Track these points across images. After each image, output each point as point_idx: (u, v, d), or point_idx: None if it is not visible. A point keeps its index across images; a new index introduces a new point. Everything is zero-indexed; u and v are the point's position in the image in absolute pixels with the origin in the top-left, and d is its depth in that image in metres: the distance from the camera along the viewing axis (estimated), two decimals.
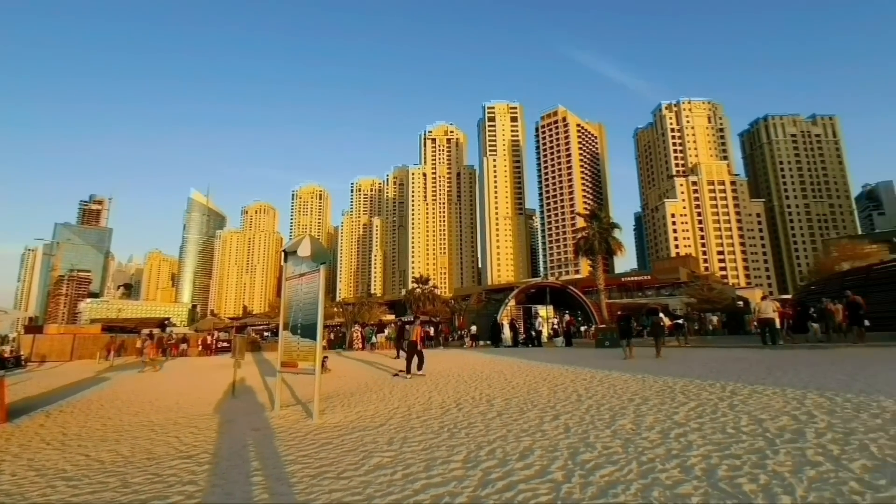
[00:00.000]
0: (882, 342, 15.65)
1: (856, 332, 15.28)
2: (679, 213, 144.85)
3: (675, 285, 61.31)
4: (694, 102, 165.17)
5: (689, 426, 5.19)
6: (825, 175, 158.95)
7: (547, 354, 18.36)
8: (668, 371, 10.61)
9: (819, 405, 5.84)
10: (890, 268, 22.03)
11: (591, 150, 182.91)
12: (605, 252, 34.27)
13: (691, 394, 7.27)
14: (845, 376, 8.30)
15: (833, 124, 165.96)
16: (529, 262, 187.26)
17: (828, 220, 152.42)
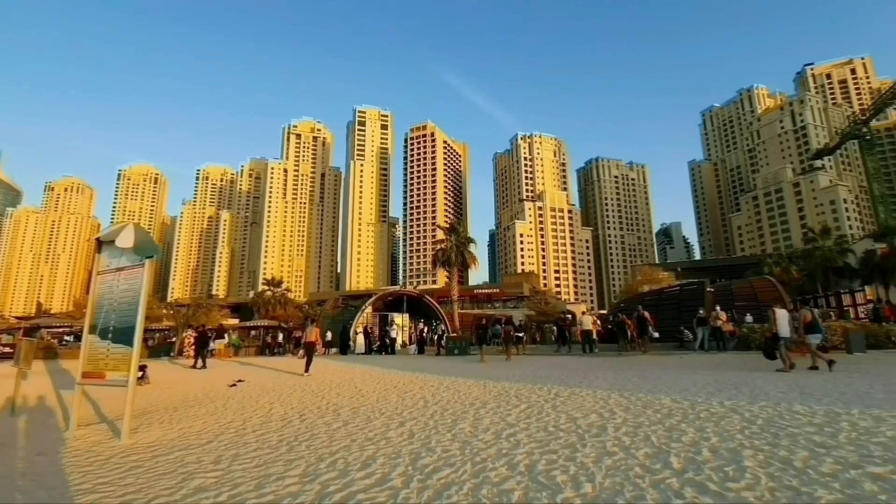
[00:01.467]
0: (665, 351, 19.35)
1: (645, 341, 18.53)
2: (526, 234, 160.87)
3: (520, 298, 67.81)
4: (544, 137, 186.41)
5: (519, 426, 5.72)
6: (636, 212, 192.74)
7: (399, 362, 18.59)
8: (507, 377, 11.58)
9: (619, 403, 6.95)
10: (673, 292, 27.44)
11: (455, 167, 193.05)
12: (460, 264, 36.27)
13: (523, 397, 8.03)
14: (639, 379, 10.03)
15: (644, 172, 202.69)
16: (389, 270, 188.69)
17: (636, 250, 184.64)
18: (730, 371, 11.14)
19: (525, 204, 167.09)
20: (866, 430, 4.79)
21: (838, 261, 38.30)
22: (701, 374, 10.59)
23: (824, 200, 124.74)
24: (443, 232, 37.76)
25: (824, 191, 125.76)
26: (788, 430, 4.87)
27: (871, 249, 36.20)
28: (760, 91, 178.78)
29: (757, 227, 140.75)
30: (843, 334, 15.83)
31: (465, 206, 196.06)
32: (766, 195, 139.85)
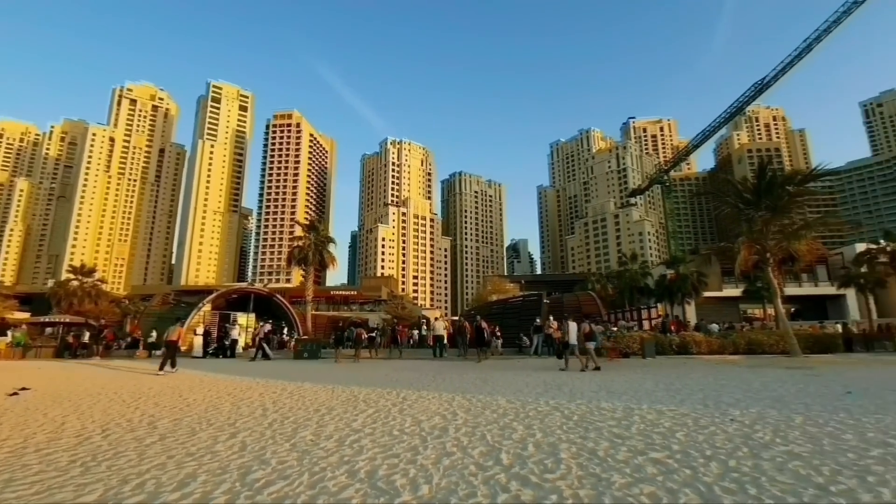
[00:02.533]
0: (507, 356, 21.08)
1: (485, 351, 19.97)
2: (389, 238, 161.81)
3: (377, 302, 67.68)
4: (414, 145, 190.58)
5: (364, 432, 5.63)
6: (491, 227, 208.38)
7: (239, 366, 17.00)
8: (358, 381, 11.38)
9: (462, 405, 7.33)
10: (516, 302, 30.21)
11: (321, 163, 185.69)
12: (318, 264, 34.77)
13: (371, 401, 7.96)
14: (481, 382, 10.74)
15: (501, 190, 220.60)
16: (237, 265, 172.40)
17: (488, 261, 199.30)
18: (555, 374, 12.60)
19: (390, 208, 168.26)
20: (651, 422, 5.81)
21: (641, 282, 46.46)
22: (533, 377, 11.77)
23: (635, 231, 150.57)
24: (301, 228, 35.80)
25: (635, 223, 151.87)
26: (596, 425, 5.67)
27: (664, 274, 44.78)
28: (596, 133, 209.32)
29: (585, 249, 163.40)
30: (640, 342, 19.12)
31: (328, 204, 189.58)
32: (594, 222, 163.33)
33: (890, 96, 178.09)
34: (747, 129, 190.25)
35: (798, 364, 14.54)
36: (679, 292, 40.53)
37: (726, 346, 20.16)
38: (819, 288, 47.39)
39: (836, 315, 44.11)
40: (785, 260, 20.74)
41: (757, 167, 19.85)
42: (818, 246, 22.39)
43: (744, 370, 12.89)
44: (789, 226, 19.78)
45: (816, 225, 21.38)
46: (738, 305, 46.00)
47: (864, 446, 4.37)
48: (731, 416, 6.06)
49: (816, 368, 12.94)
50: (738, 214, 20.76)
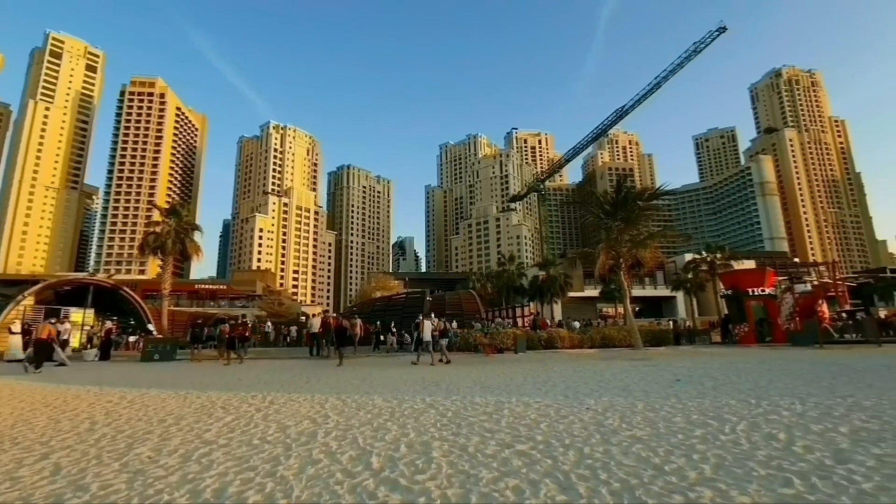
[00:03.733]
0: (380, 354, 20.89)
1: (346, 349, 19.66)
2: (267, 229, 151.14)
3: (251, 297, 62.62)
4: (300, 132, 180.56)
5: (218, 443, 4.99)
6: (378, 223, 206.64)
7: (66, 372, 14.33)
8: (219, 384, 10.27)
9: (335, 407, 6.95)
10: (400, 299, 30.24)
11: (189, 141, 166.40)
12: (179, 254, 30.92)
13: (232, 407, 7.18)
14: (358, 381, 10.41)
15: (389, 186, 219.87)
16: (76, 252, 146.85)
17: (374, 257, 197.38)
18: (433, 369, 12.77)
19: (270, 197, 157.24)
20: (519, 414, 6.09)
21: (517, 282, 49.85)
22: (413, 374, 11.76)
23: (513, 234, 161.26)
24: (160, 213, 31.52)
25: (514, 227, 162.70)
26: (469, 420, 5.75)
27: (537, 275, 48.62)
28: (483, 140, 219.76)
29: (469, 249, 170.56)
30: (514, 339, 20.37)
31: (195, 188, 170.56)
32: (477, 224, 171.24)
33: (715, 133, 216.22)
34: (609, 150, 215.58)
35: (640, 356, 16.69)
36: (549, 292, 44.24)
37: (585, 340, 22.47)
38: (657, 290, 55.44)
39: (669, 313, 52.09)
40: (634, 265, 23.77)
41: (615, 183, 22.54)
42: (659, 254, 26.11)
43: (598, 362, 14.41)
44: (638, 235, 22.75)
45: (658, 236, 24.99)
46: (596, 304, 51.84)
47: (690, 427, 5.04)
48: (587, 405, 6.62)
49: (654, 360, 14.97)
50: (600, 223, 23.33)
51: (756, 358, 14.23)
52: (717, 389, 7.79)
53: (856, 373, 9.51)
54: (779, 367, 11.23)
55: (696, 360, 14.62)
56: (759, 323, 23.29)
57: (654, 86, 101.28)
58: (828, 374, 9.44)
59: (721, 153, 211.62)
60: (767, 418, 5.33)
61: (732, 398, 6.77)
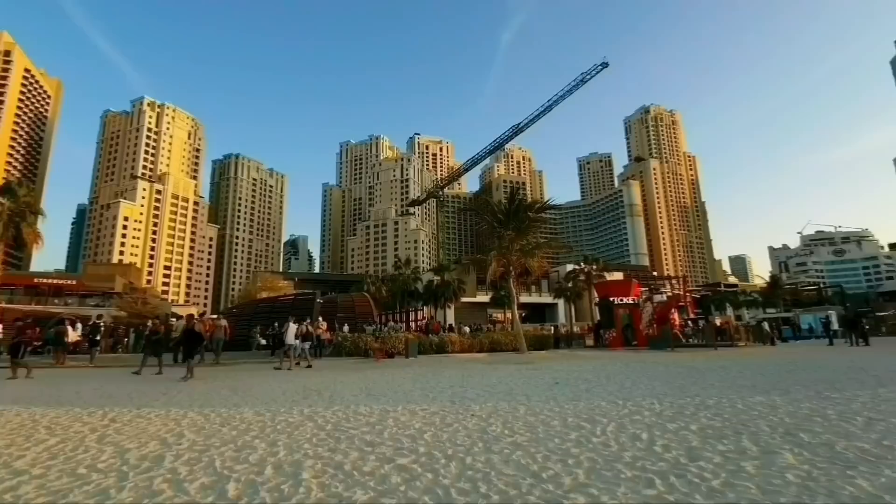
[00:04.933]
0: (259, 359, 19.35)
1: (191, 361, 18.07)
2: (134, 218, 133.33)
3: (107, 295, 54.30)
4: (180, 112, 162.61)
5: (31, 473, 3.99)
6: (269, 219, 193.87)
7: None
8: (47, 398, 8.52)
9: (194, 423, 6.06)
10: (288, 300, 28.44)
11: (38, 109, 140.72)
12: (12, 240, 25.68)
13: (60, 427, 5.91)
14: (229, 391, 9.36)
15: (283, 181, 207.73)
16: None
17: (262, 255, 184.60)
18: (318, 376, 12.03)
19: (140, 182, 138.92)
20: (404, 424, 5.84)
21: (412, 286, 49.94)
22: (293, 382, 10.93)
23: (411, 238, 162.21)
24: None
25: (412, 231, 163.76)
26: (349, 433, 5.35)
27: (432, 280, 49.21)
28: (385, 142, 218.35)
29: (366, 251, 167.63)
30: (406, 343, 20.18)
31: (43, 165, 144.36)
32: (375, 226, 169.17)
33: (595, 157, 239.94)
34: (505, 163, 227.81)
35: (525, 360, 17.54)
36: (443, 297, 44.99)
37: (475, 345, 23.09)
38: (541, 297, 59.45)
39: (551, 319, 56.14)
40: (522, 273, 25.10)
41: (509, 194, 23.64)
42: (545, 263, 27.90)
43: (486, 367, 14.80)
44: (527, 245, 24.08)
45: (545, 246, 26.72)
46: (487, 310, 53.98)
47: (566, 431, 5.21)
48: (472, 411, 6.60)
49: (537, 363, 15.80)
50: (493, 231, 24.27)
51: (622, 361, 15.72)
52: (590, 392, 8.31)
53: (700, 373, 10.89)
54: (640, 369, 12.47)
55: (573, 363, 15.72)
56: (625, 328, 25.99)
57: (547, 108, 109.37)
58: (678, 375, 10.67)
59: (599, 175, 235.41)
60: (632, 419, 5.73)
61: (603, 400, 7.25)
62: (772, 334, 28.12)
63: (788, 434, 4.70)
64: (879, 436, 4.52)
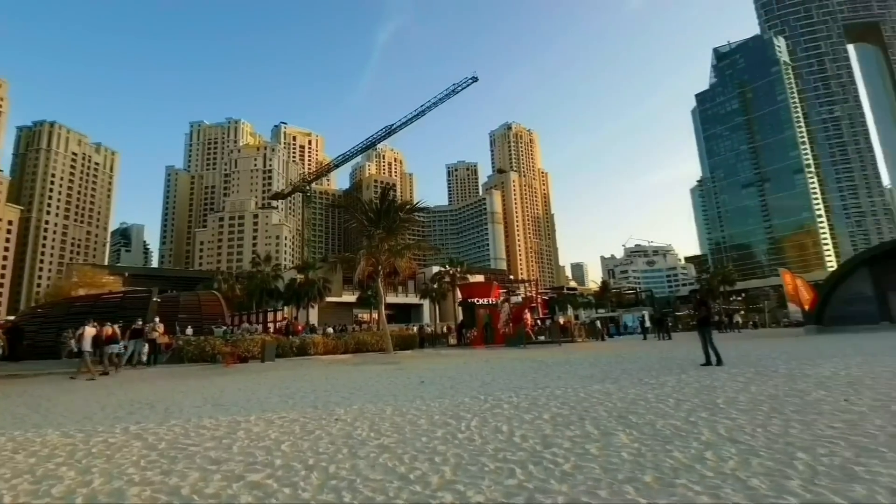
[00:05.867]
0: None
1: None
2: None
3: None
4: None
5: None
6: (92, 202, 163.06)
7: None
8: None
9: None
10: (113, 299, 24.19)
11: None
12: None
13: None
14: (27, 408, 7.52)
15: (114, 159, 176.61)
16: None
17: (82, 245, 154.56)
18: (147, 386, 10.39)
19: None
20: (258, 435, 5.27)
21: (272, 284, 46.56)
22: (119, 394, 9.25)
23: (273, 234, 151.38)
24: None
25: (274, 226, 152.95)
26: (189, 451, 4.63)
27: (294, 278, 46.49)
28: (246, 126, 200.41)
29: (218, 246, 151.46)
30: (262, 345, 18.63)
31: None
32: (231, 218, 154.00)
33: (462, 165, 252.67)
34: (376, 163, 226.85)
35: (391, 360, 17.49)
36: (307, 296, 42.80)
37: (340, 346, 22.34)
38: (408, 298, 60.34)
39: (417, 319, 57.28)
40: (391, 273, 25.08)
41: (380, 192, 23.45)
42: (413, 264, 28.30)
43: (351, 368, 14.37)
44: (396, 245, 24.14)
45: (414, 247, 27.12)
46: (353, 310, 52.90)
47: (433, 429, 5.23)
48: (336, 415, 6.26)
49: (403, 363, 15.86)
50: (363, 230, 23.80)
51: (482, 358, 16.64)
52: (454, 389, 8.56)
53: (549, 367, 12.02)
54: (498, 366, 13.31)
55: (437, 362, 16.14)
56: (485, 328, 27.68)
57: (420, 112, 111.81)
58: (531, 369, 11.63)
59: (466, 182, 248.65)
60: (493, 412, 6.01)
61: (467, 396, 7.50)
62: (602, 331, 32.57)
63: (621, 417, 5.37)
64: (686, 413, 5.41)
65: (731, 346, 15.93)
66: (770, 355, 12.58)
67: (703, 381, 7.98)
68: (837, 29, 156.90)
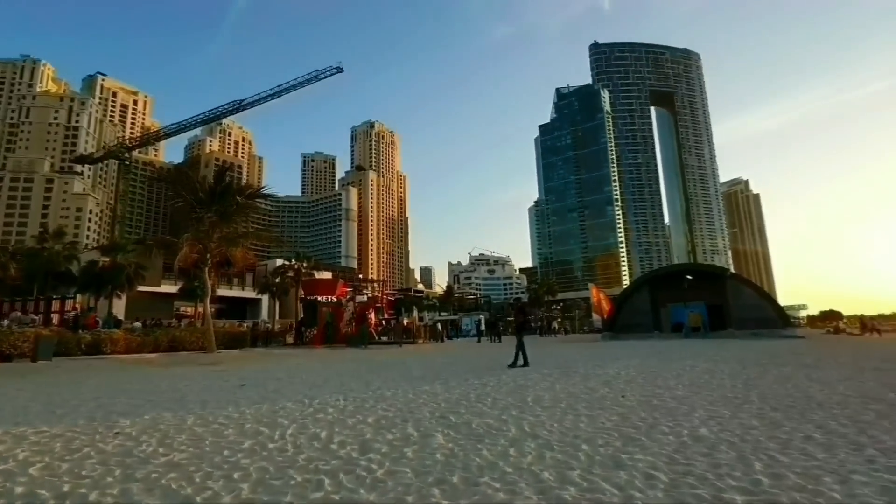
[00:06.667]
0: None
1: None
2: None
3: None
4: None
5: None
6: None
7: None
8: None
9: None
10: None
11: None
12: None
13: None
14: None
15: None
16: None
17: None
18: None
19: None
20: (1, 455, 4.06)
21: (63, 266, 37.97)
22: None
23: (72, 205, 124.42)
24: None
25: (76, 196, 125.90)
26: None
27: (96, 261, 38.58)
28: (47, 69, 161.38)
29: None
30: (35, 341, 14.97)
31: None
32: (14, 180, 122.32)
33: (320, 157, 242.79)
34: (220, 139, 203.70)
35: (211, 360, 15.60)
36: (111, 283, 35.97)
37: (147, 343, 19.18)
38: (244, 291, 55.28)
39: (253, 315, 52.70)
40: (223, 263, 22.52)
41: (216, 172, 20.88)
42: (251, 255, 25.90)
43: (157, 370, 12.38)
44: (232, 233, 21.75)
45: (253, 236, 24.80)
46: (174, 302, 46.25)
47: (240, 439, 4.67)
48: (118, 428, 5.20)
49: (226, 364, 14.26)
50: (191, 212, 20.86)
51: (319, 359, 15.93)
52: (279, 392, 7.91)
53: (385, 368, 12.01)
54: (334, 366, 12.85)
55: (268, 363, 14.93)
56: (326, 326, 26.68)
57: (276, 93, 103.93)
58: (367, 370, 11.48)
59: (323, 175, 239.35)
60: (316, 418, 5.65)
61: (290, 400, 6.97)
62: (442, 333, 34.19)
63: (443, 417, 5.52)
64: (500, 412, 5.82)
65: (549, 349, 18.10)
66: (574, 357, 14.57)
67: (518, 381, 8.78)
68: (645, 92, 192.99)
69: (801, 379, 8.60)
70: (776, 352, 15.73)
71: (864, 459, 3.72)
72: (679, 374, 9.83)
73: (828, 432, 4.64)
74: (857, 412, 5.59)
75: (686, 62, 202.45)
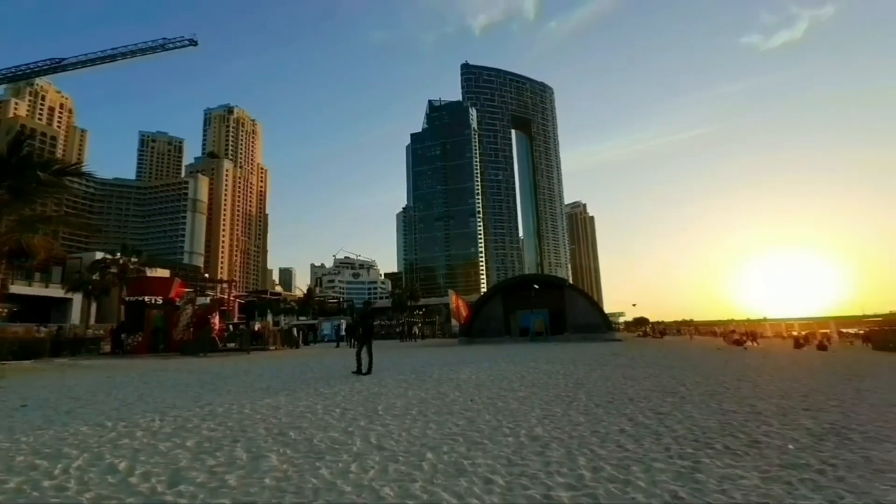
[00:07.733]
0: None
1: None
2: None
3: None
4: None
5: None
6: None
7: None
8: None
9: None
10: None
11: None
12: None
13: None
14: None
15: None
16: None
17: None
18: None
19: None
20: None
21: None
22: None
23: None
24: None
25: None
26: None
27: None
28: None
29: None
30: None
31: None
32: None
33: (164, 137, 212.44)
34: (30, 102, 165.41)
35: None
36: None
37: None
38: (49, 289, 45.47)
39: (60, 318, 43.44)
40: (18, 253, 18.02)
41: (12, 140, 16.59)
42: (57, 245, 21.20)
43: None
44: (31, 216, 17.53)
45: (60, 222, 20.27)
46: None
47: (5, 478, 3.57)
48: None
49: (6, 378, 11.34)
50: None
51: (139, 371, 13.59)
52: (72, 413, 6.42)
53: (222, 379, 10.69)
54: (157, 379, 11.06)
55: (69, 377, 12.27)
56: (154, 332, 23.05)
57: (110, 56, 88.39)
58: (199, 383, 10.08)
59: (166, 159, 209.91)
60: (118, 444, 4.65)
61: (87, 424, 5.66)
62: (298, 339, 32.17)
63: (281, 434, 4.98)
64: (347, 423, 5.48)
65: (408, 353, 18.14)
66: (431, 361, 14.83)
67: (372, 389, 8.52)
68: (507, 115, 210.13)
69: (618, 378, 9.93)
70: (600, 353, 18.11)
71: (662, 448, 4.30)
72: (523, 375, 10.60)
73: (636, 424, 5.32)
74: (657, 405, 6.56)
75: (542, 94, 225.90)
